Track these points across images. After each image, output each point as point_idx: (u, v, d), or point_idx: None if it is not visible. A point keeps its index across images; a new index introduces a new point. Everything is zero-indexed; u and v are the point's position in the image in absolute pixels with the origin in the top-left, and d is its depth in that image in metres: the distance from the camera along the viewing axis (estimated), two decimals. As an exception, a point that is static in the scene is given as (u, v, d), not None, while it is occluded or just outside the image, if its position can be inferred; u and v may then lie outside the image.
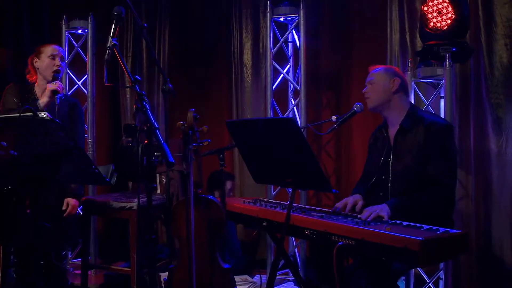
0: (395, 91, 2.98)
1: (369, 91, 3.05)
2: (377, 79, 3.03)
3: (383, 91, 2.99)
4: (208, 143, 2.71)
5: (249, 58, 5.34)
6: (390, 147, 2.97)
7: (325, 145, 5.16)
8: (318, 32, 5.03)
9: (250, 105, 5.34)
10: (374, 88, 3.03)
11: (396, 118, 3.00)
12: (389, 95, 2.99)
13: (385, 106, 3.02)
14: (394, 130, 3.00)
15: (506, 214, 3.99)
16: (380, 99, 3.00)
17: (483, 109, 4.08)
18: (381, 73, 3.04)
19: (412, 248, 2.14)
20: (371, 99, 3.04)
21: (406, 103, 3.03)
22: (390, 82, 2.99)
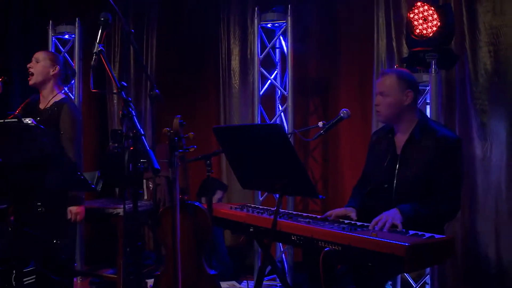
0: (408, 104, 2.85)
1: (379, 104, 2.88)
2: (389, 91, 2.85)
3: (395, 105, 2.84)
4: (194, 149, 2.70)
5: (237, 64, 5.35)
6: (397, 155, 2.88)
7: (312, 150, 5.17)
8: (305, 39, 5.05)
9: (238, 111, 5.34)
10: (386, 101, 2.86)
11: (405, 128, 2.89)
12: (401, 109, 2.85)
13: (396, 119, 2.89)
14: (402, 138, 2.90)
15: (490, 219, 4.02)
16: (392, 114, 2.87)
17: (468, 114, 4.12)
18: (394, 84, 2.85)
19: (398, 254, 2.14)
20: (381, 113, 2.90)
21: (416, 113, 2.91)
22: (403, 95, 2.84)
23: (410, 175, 2.80)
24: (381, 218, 2.55)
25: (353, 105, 4.70)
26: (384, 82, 2.89)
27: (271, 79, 4.88)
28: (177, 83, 5.52)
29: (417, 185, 2.77)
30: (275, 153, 2.49)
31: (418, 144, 2.83)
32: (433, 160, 2.75)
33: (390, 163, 2.90)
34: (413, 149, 2.84)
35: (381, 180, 2.92)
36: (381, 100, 2.89)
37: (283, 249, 4.75)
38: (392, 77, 2.88)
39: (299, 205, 5.07)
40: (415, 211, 2.64)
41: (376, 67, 4.54)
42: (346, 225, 2.57)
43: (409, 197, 2.74)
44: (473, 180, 4.07)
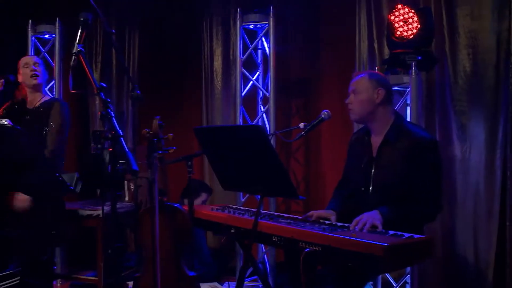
0: (380, 102, 2.85)
1: (351, 102, 2.90)
2: (360, 89, 2.87)
3: (367, 103, 2.84)
4: (173, 150, 2.69)
5: (219, 65, 5.34)
6: (372, 158, 2.89)
7: (294, 151, 5.19)
8: (287, 40, 5.06)
9: (220, 112, 5.33)
10: (357, 99, 2.87)
11: (380, 129, 2.89)
12: (373, 107, 2.85)
13: (369, 117, 2.88)
14: (377, 140, 2.90)
15: (469, 219, 4.07)
16: (364, 111, 2.86)
17: (448, 116, 4.16)
18: (365, 82, 2.87)
19: (377, 254, 2.15)
20: (353, 111, 2.90)
21: (391, 114, 2.90)
22: (374, 93, 2.85)
23: (386, 177, 2.80)
24: (361, 219, 2.56)
25: (334, 106, 4.70)
26: (356, 81, 2.92)
27: (253, 80, 4.88)
28: (160, 84, 5.50)
29: (393, 187, 2.77)
30: (256, 154, 2.49)
31: (393, 146, 2.82)
32: (408, 162, 2.74)
33: (366, 166, 2.91)
34: (388, 151, 2.84)
35: (358, 183, 2.93)
36: (353, 98, 2.91)
37: (265, 250, 4.75)
38: (364, 77, 2.92)
39: (281, 206, 5.08)
40: (394, 213, 2.65)
41: (357, 68, 4.57)
42: (326, 226, 2.58)
43: (386, 199, 2.74)
44: (452, 181, 4.12)
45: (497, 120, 3.95)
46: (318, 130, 4.90)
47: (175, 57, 5.50)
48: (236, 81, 4.79)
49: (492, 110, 3.98)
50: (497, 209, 3.91)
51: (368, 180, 2.87)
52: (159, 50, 5.52)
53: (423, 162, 2.73)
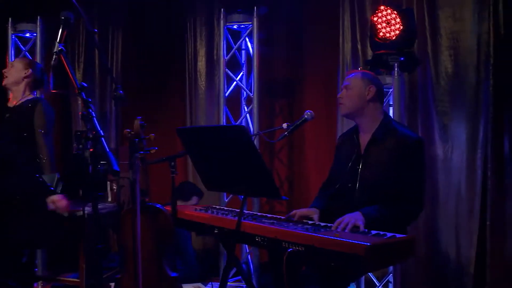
0: (370, 99, 2.91)
1: (343, 97, 2.97)
2: (353, 85, 2.94)
3: (358, 98, 2.91)
4: (155, 150, 2.67)
5: (203, 65, 5.33)
6: (360, 155, 2.93)
7: (278, 152, 5.19)
8: (271, 40, 5.07)
9: (204, 112, 5.32)
10: (349, 93, 2.94)
11: (368, 126, 2.94)
12: (363, 103, 2.92)
13: (358, 113, 2.94)
14: (365, 138, 2.95)
15: (451, 218, 4.11)
16: (354, 106, 2.92)
17: (430, 116, 4.20)
18: (358, 79, 2.96)
19: (359, 254, 2.16)
20: (344, 105, 2.96)
21: (380, 113, 2.97)
22: (365, 89, 2.92)
23: (372, 175, 2.84)
24: (344, 219, 2.57)
25: (318, 106, 4.75)
26: (349, 78, 3.01)
27: (237, 81, 4.88)
28: (143, 84, 5.46)
29: (379, 185, 2.80)
30: (239, 154, 2.49)
31: (380, 144, 2.87)
32: (394, 161, 2.79)
33: (354, 163, 2.94)
34: (375, 149, 2.89)
35: (345, 180, 2.95)
36: (345, 92, 2.98)
37: (248, 250, 4.75)
38: (357, 74, 3.01)
39: (265, 206, 5.09)
40: (377, 212, 2.67)
41: (341, 69, 4.59)
42: (309, 226, 2.59)
43: (372, 197, 2.78)
44: (434, 181, 4.16)
45: (478, 121, 4.00)
46: (302, 130, 4.92)
47: (159, 57, 5.48)
48: (220, 81, 4.79)
49: (473, 110, 4.03)
50: (478, 208, 3.96)
51: (355, 177, 2.90)
52: (142, 50, 5.49)
53: (409, 161, 2.78)
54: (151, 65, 5.48)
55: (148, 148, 2.63)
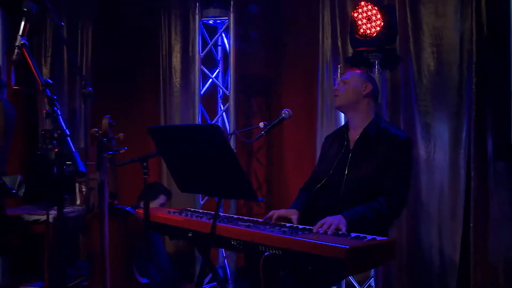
0: (366, 95, 3.04)
1: (339, 89, 3.09)
2: (351, 80, 3.08)
3: (354, 92, 3.04)
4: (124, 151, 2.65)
5: (178, 61, 5.30)
6: (349, 151, 3.02)
7: (256, 152, 5.19)
8: (248, 36, 5.06)
9: (179, 111, 5.29)
10: (346, 87, 3.07)
11: (360, 122, 3.05)
12: (358, 97, 3.04)
13: (352, 107, 3.06)
14: (355, 133, 3.04)
15: (434, 219, 4.14)
16: (349, 99, 3.04)
17: (412, 115, 4.22)
18: (357, 75, 3.11)
19: (338, 257, 2.17)
20: (340, 97, 3.07)
21: (372, 111, 3.09)
22: (362, 86, 3.05)
23: (360, 171, 2.91)
24: (326, 221, 2.59)
25: (297, 105, 4.75)
26: (349, 73, 3.14)
27: (213, 78, 4.86)
28: (115, 81, 5.41)
29: (366, 182, 2.87)
30: (214, 155, 2.47)
31: (370, 141, 2.96)
32: (382, 158, 2.87)
33: (342, 158, 3.01)
34: (365, 145, 2.97)
35: (331, 176, 3.00)
36: (342, 86, 3.09)
37: (225, 255, 4.74)
38: (356, 71, 3.15)
39: (242, 209, 5.08)
40: (359, 214, 2.71)
41: (321, 66, 4.60)
42: (287, 228, 2.58)
43: (358, 193, 2.85)
44: (417, 181, 4.18)
45: (460, 120, 4.04)
46: (281, 130, 4.92)
47: (132, 53, 5.43)
48: (195, 78, 4.76)
49: (456, 109, 4.06)
50: (461, 209, 3.99)
51: (343, 172, 2.96)
52: (114, 45, 5.43)
53: (397, 160, 2.87)
54: (123, 61, 5.42)
55: (117, 148, 2.60)
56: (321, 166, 3.21)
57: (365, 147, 2.96)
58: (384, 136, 2.94)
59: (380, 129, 2.99)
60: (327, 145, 3.23)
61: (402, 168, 2.89)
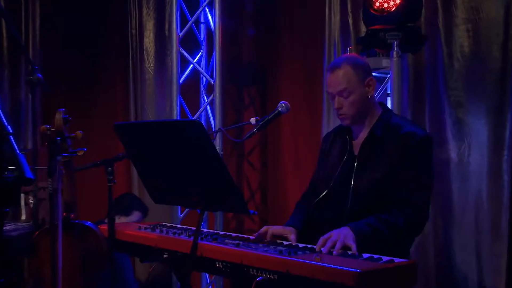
0: (372, 96, 3.00)
1: (342, 106, 2.96)
2: (352, 87, 2.94)
3: (361, 102, 2.96)
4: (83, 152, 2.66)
5: (151, 42, 5.33)
6: (354, 156, 3.01)
7: (248, 154, 5.22)
8: (238, 12, 5.09)
9: (153, 104, 5.32)
10: (349, 101, 2.95)
11: (365, 123, 3.03)
12: (366, 103, 2.99)
13: (361, 116, 3.00)
14: (361, 135, 3.03)
15: (470, 238, 4.12)
16: (358, 112, 2.97)
17: (441, 109, 4.23)
18: (352, 76, 2.95)
19: (347, 283, 2.19)
20: (347, 116, 2.98)
21: (377, 106, 3.07)
22: (365, 86, 2.97)
23: (370, 179, 2.90)
24: (330, 237, 2.59)
25: (298, 96, 4.79)
26: (339, 78, 2.96)
27: (194, 63, 4.89)
28: (71, 65, 5.42)
29: (378, 191, 2.87)
30: (194, 157, 2.50)
31: (379, 142, 2.95)
32: (395, 162, 2.87)
33: (346, 166, 3.00)
34: (373, 148, 2.96)
35: (334, 186, 3.01)
36: (343, 101, 2.97)
37: (209, 280, 4.77)
38: (346, 69, 2.96)
39: (231, 223, 5.12)
40: (370, 228, 2.72)
41: (327, 49, 4.61)
42: (284, 247, 2.61)
43: (367, 206, 2.85)
44: (447, 189, 4.18)
45: (503, 113, 4.01)
46: (278, 127, 4.95)
47: (92, 32, 5.45)
48: (173, 63, 4.79)
49: (498, 100, 4.04)
50: (506, 224, 3.97)
51: (349, 182, 2.96)
52: (70, 21, 5.41)
53: (411, 162, 2.86)
54: (81, 41, 5.43)
55: (75, 150, 2.62)
56: (320, 174, 3.20)
57: (373, 151, 2.95)
58: (396, 135, 2.91)
59: (390, 126, 2.97)
60: (327, 146, 3.22)
61: (419, 173, 2.87)
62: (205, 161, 2.47)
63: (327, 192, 3.04)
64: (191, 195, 2.64)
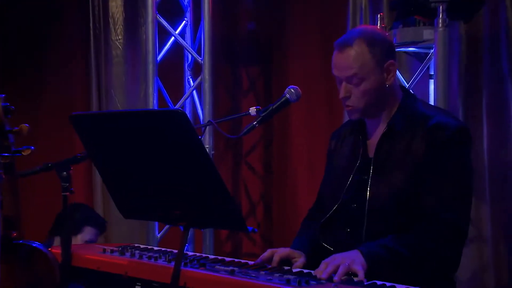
0: (392, 83, 2.99)
1: (350, 96, 2.97)
2: (364, 72, 2.94)
3: (376, 92, 2.96)
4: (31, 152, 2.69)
5: (120, 7, 5.36)
6: (369, 159, 3.01)
7: (247, 154, 5.24)
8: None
9: (122, 88, 5.35)
10: (360, 90, 2.96)
11: (381, 115, 3.04)
12: (382, 92, 2.98)
13: (375, 108, 3.01)
14: (377, 131, 3.04)
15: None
16: (371, 104, 2.98)
17: (503, 96, 4.23)
18: (366, 57, 2.94)
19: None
20: (355, 108, 2.99)
21: (397, 89, 3.06)
22: (383, 71, 2.96)
23: (388, 188, 2.91)
24: (333, 260, 2.61)
25: (312, 80, 4.80)
26: (349, 60, 2.96)
27: (176, 35, 4.91)
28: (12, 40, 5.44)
29: (401, 201, 2.87)
30: (176, 158, 2.51)
31: (400, 139, 2.95)
32: (425, 162, 2.86)
33: (360, 171, 3.02)
34: (392, 147, 2.96)
35: (346, 198, 3.02)
36: (352, 89, 2.98)
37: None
38: (360, 48, 2.96)
39: (224, 245, 5.14)
40: (387, 250, 2.74)
41: (351, 17, 4.63)
42: (293, 275, 2.63)
43: (389, 224, 2.86)
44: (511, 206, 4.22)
45: None
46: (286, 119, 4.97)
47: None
48: (148, 35, 4.79)
49: None
50: None
51: (363, 193, 2.96)
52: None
53: (444, 162, 2.86)
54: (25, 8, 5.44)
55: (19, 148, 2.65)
56: (326, 187, 3.24)
57: (393, 149, 2.95)
58: (422, 128, 2.90)
59: (414, 116, 2.97)
60: (335, 147, 3.25)
61: (453, 177, 2.87)
62: (190, 164, 2.48)
63: (336, 209, 3.05)
64: (172, 207, 2.65)
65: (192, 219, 2.63)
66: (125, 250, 3.17)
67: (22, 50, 5.49)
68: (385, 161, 2.96)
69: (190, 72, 5.04)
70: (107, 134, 2.74)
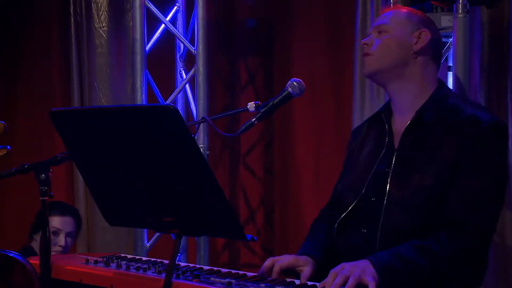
0: (419, 50, 3.07)
1: (372, 43, 3.12)
2: (393, 25, 3.11)
3: (398, 47, 3.07)
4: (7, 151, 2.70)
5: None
6: (393, 149, 3.04)
7: (245, 154, 5.25)
8: None
9: (107, 81, 5.37)
10: (384, 40, 3.10)
11: (409, 101, 3.08)
12: (406, 56, 3.07)
13: (394, 74, 3.09)
14: (403, 120, 3.07)
15: None
16: (391, 60, 3.08)
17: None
18: (401, 18, 3.13)
19: None
20: (373, 57, 3.10)
21: (432, 78, 3.13)
22: (412, 33, 3.08)
23: (412, 185, 2.91)
24: (342, 270, 2.61)
25: (318, 72, 4.81)
26: (386, 15, 3.17)
27: (166, 23, 4.92)
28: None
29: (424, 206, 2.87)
30: (167, 159, 2.53)
31: (428, 132, 2.97)
32: (455, 159, 2.87)
33: (382, 165, 3.04)
34: (420, 140, 2.98)
35: (365, 192, 3.04)
36: (374, 39, 3.12)
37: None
38: (401, 12, 3.20)
39: (221, 255, 5.15)
40: (401, 260, 2.73)
41: (361, 3, 4.63)
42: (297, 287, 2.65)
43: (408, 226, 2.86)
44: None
45: None
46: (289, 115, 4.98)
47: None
48: (135, 23, 4.80)
49: None
50: None
51: (383, 186, 2.98)
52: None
53: (475, 162, 2.86)
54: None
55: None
56: (347, 180, 3.25)
57: (420, 143, 2.97)
58: (453, 121, 2.92)
59: (445, 109, 2.99)
60: (356, 144, 3.27)
61: (484, 179, 2.86)
62: (182, 165, 2.49)
63: (356, 205, 3.06)
64: (163, 213, 2.67)
65: (185, 226, 2.64)
66: (111, 260, 3.18)
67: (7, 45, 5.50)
68: (410, 153, 2.98)
69: (183, 64, 5.05)
70: (91, 133, 2.74)
